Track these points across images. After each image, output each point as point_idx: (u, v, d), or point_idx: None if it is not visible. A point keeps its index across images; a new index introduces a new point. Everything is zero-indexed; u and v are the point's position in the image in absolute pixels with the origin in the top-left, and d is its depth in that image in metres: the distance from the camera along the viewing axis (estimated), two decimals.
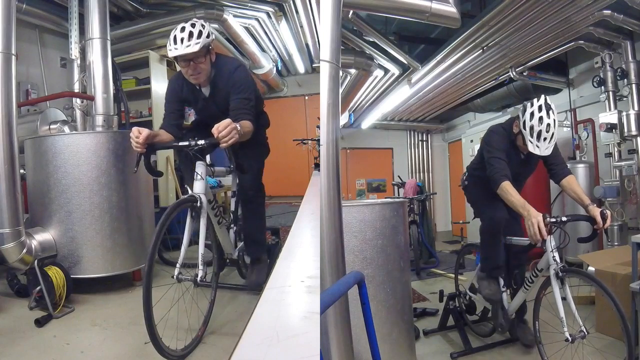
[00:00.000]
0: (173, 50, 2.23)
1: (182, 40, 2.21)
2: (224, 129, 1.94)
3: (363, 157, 8.52)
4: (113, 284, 3.05)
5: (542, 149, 2.31)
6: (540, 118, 2.29)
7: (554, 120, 2.32)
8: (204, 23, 2.30)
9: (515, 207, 2.30)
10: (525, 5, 3.27)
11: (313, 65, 6.98)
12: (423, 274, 5.06)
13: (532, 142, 2.31)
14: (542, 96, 2.39)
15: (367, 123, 7.85)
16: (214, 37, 2.36)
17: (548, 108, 2.32)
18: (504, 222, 2.62)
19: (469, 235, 7.02)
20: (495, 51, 4.30)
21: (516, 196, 2.30)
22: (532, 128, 2.30)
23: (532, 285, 2.51)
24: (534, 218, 2.14)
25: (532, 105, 2.35)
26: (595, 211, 2.27)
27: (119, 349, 2.13)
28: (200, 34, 2.23)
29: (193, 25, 2.24)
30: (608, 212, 2.26)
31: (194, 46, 2.21)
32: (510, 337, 2.84)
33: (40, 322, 2.40)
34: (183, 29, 2.23)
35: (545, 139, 2.30)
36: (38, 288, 2.58)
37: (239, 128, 2.02)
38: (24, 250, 2.65)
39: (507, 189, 2.32)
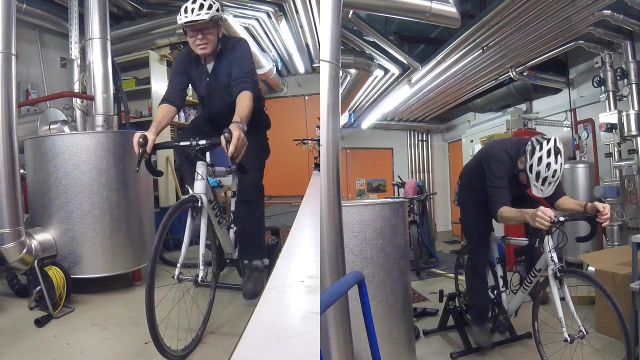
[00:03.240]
0: (183, 18, 2.31)
1: (192, 10, 2.29)
2: (234, 145, 1.91)
3: (363, 157, 8.52)
4: (113, 284, 3.05)
5: (545, 192, 2.28)
6: (548, 164, 2.22)
7: (561, 164, 2.24)
8: (214, 0, 2.37)
9: (518, 221, 2.35)
10: (525, 5, 3.28)
11: (313, 65, 6.98)
12: (423, 274, 5.06)
13: (536, 186, 2.28)
14: (552, 138, 2.28)
15: (367, 123, 7.85)
16: (223, 14, 2.45)
17: (557, 152, 2.23)
18: (487, 263, 2.77)
19: None
20: (495, 51, 4.30)
21: (515, 212, 2.32)
22: (538, 173, 2.25)
23: (531, 285, 2.51)
24: (539, 211, 2.09)
25: (541, 148, 2.25)
26: (595, 206, 2.22)
27: (119, 349, 2.13)
28: (210, 6, 2.31)
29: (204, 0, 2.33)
30: (607, 205, 2.21)
31: (204, 15, 2.28)
32: (511, 337, 2.84)
33: (40, 322, 2.39)
34: (194, 1, 2.31)
35: (550, 183, 2.25)
36: (38, 288, 2.58)
37: (243, 136, 2.00)
38: (24, 250, 2.65)
39: (506, 211, 2.36)
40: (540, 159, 2.23)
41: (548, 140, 2.27)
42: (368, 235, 2.02)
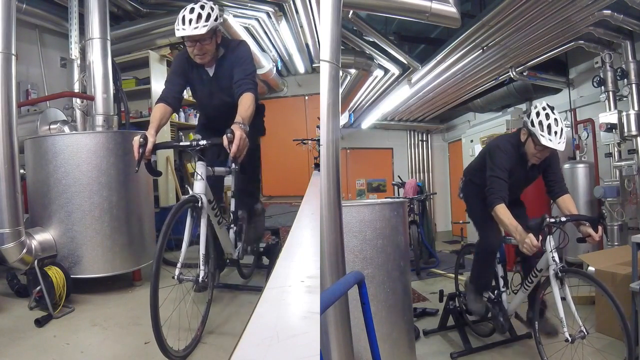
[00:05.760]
0: (180, 31, 2.28)
1: (190, 21, 2.25)
2: (237, 145, 1.94)
3: (363, 157, 8.52)
4: (113, 284, 3.05)
5: (555, 142, 2.32)
6: (547, 114, 2.35)
7: (559, 117, 2.38)
8: (213, 5, 2.33)
9: (507, 230, 2.38)
10: (525, 5, 3.28)
11: (313, 65, 6.97)
12: (423, 274, 5.06)
13: (544, 136, 2.32)
14: (542, 101, 2.49)
15: (367, 123, 7.84)
16: (222, 20, 2.43)
17: (551, 108, 2.40)
18: (498, 246, 2.74)
19: (469, 235, 7.01)
20: (495, 51, 4.30)
21: (509, 220, 2.35)
22: (540, 123, 2.34)
23: (531, 285, 2.51)
24: (528, 239, 2.22)
25: (535, 107, 2.42)
26: (587, 232, 2.35)
27: (119, 349, 2.13)
28: (208, 16, 2.27)
29: (202, 8, 2.28)
30: (600, 231, 2.32)
31: (201, 28, 2.25)
32: (511, 337, 2.84)
33: (40, 322, 2.39)
34: (192, 10, 2.27)
35: (555, 132, 2.32)
36: (38, 288, 2.58)
37: (245, 136, 2.01)
38: (24, 250, 2.65)
39: (501, 212, 2.39)
40: (537, 113, 2.38)
41: (540, 103, 2.46)
42: (368, 235, 2.01)
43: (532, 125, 2.36)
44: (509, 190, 2.48)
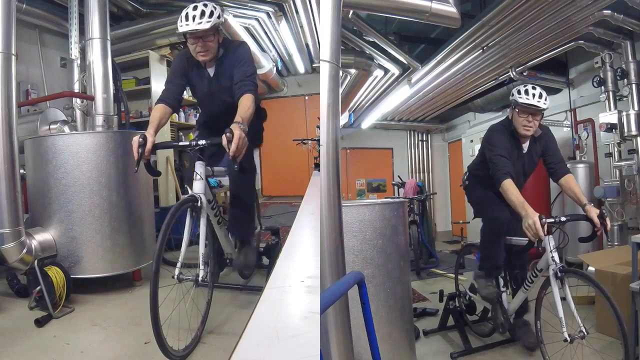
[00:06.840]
0: (184, 26, 2.29)
1: (193, 17, 2.27)
2: (236, 144, 1.94)
3: (363, 157, 8.52)
4: (113, 284, 3.05)
5: (533, 100, 2.43)
6: (524, 86, 2.51)
7: (541, 90, 2.49)
8: (215, 5, 2.35)
9: (514, 206, 2.32)
10: (525, 5, 3.28)
11: (313, 65, 6.98)
12: (423, 274, 5.06)
13: (522, 97, 2.46)
14: None
15: (367, 123, 7.84)
16: (224, 19, 2.47)
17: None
18: (507, 224, 2.64)
19: (469, 235, 7.02)
20: (495, 51, 4.30)
21: (516, 195, 2.32)
22: (519, 91, 2.50)
23: (531, 285, 2.51)
24: (531, 219, 2.18)
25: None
26: (592, 212, 2.28)
27: (119, 349, 2.13)
28: (212, 13, 2.30)
29: (205, 6, 2.31)
30: (606, 213, 2.26)
31: (205, 24, 2.26)
32: (511, 337, 2.84)
33: (40, 322, 2.40)
34: (195, 8, 2.29)
35: (534, 95, 2.44)
36: (38, 288, 2.58)
37: (244, 136, 2.02)
38: (24, 250, 2.65)
39: (509, 187, 2.36)
40: (518, 89, 2.53)
41: None
42: (368, 235, 2.01)
43: (512, 95, 2.51)
44: None
